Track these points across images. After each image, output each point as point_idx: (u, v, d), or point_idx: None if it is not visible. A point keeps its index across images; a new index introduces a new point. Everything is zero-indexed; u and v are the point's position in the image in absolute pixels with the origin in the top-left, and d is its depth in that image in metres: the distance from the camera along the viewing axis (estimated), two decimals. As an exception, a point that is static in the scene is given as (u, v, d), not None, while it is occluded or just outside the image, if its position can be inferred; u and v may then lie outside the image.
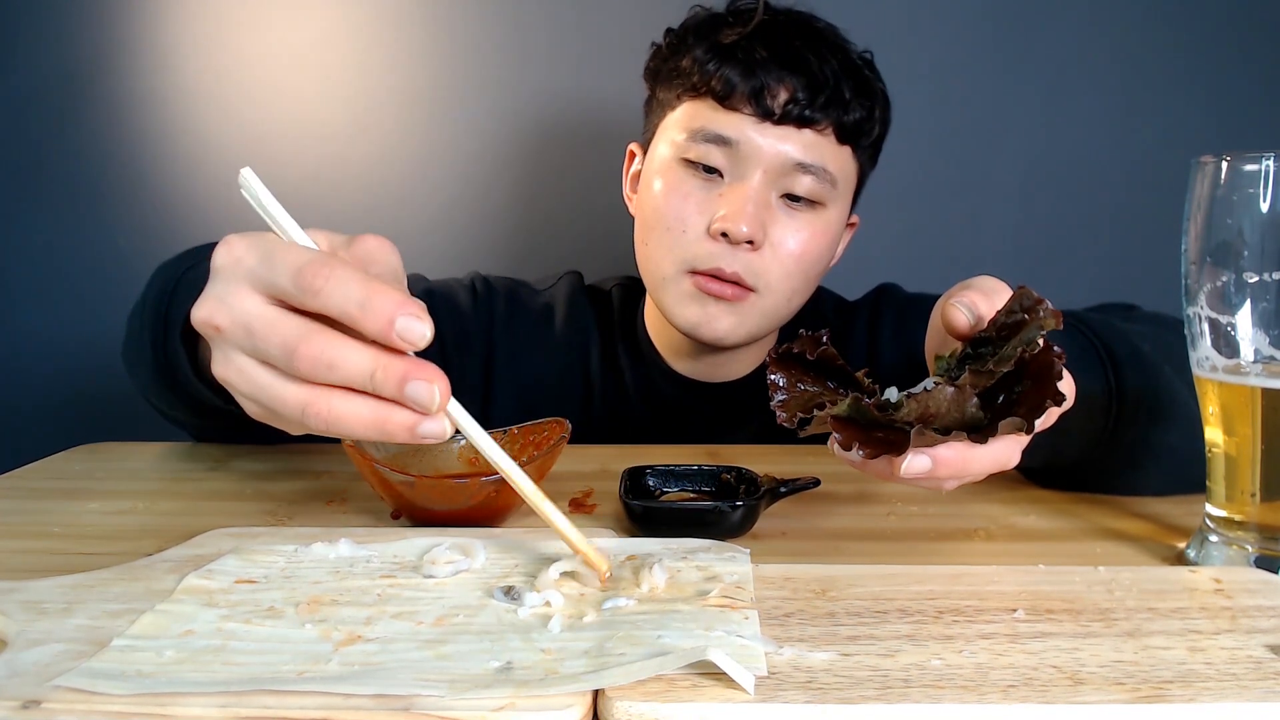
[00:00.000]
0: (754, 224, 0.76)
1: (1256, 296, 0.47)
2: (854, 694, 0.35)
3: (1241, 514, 0.50)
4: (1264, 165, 0.47)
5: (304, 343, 0.39)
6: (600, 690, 0.35)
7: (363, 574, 0.47)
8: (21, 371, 1.33)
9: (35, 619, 0.41)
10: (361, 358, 0.39)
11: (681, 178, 0.80)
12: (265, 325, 0.40)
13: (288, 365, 0.40)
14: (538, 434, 0.63)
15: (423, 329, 0.39)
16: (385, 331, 0.38)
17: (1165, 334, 0.66)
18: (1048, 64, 1.25)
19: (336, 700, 0.34)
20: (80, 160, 1.29)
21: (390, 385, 0.39)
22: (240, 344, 0.41)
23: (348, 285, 0.39)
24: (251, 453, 0.77)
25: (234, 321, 0.41)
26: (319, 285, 0.39)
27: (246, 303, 0.41)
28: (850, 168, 0.82)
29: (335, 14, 1.26)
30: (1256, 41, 1.25)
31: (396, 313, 0.38)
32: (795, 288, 0.81)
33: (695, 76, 0.79)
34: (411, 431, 0.40)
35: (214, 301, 0.42)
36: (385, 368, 0.39)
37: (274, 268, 0.40)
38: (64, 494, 0.66)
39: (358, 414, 0.40)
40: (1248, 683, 0.36)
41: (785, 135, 0.77)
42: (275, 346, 0.40)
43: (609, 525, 0.58)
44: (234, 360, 0.42)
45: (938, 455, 0.42)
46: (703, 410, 0.91)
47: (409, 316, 0.38)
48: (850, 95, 0.78)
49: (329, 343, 0.39)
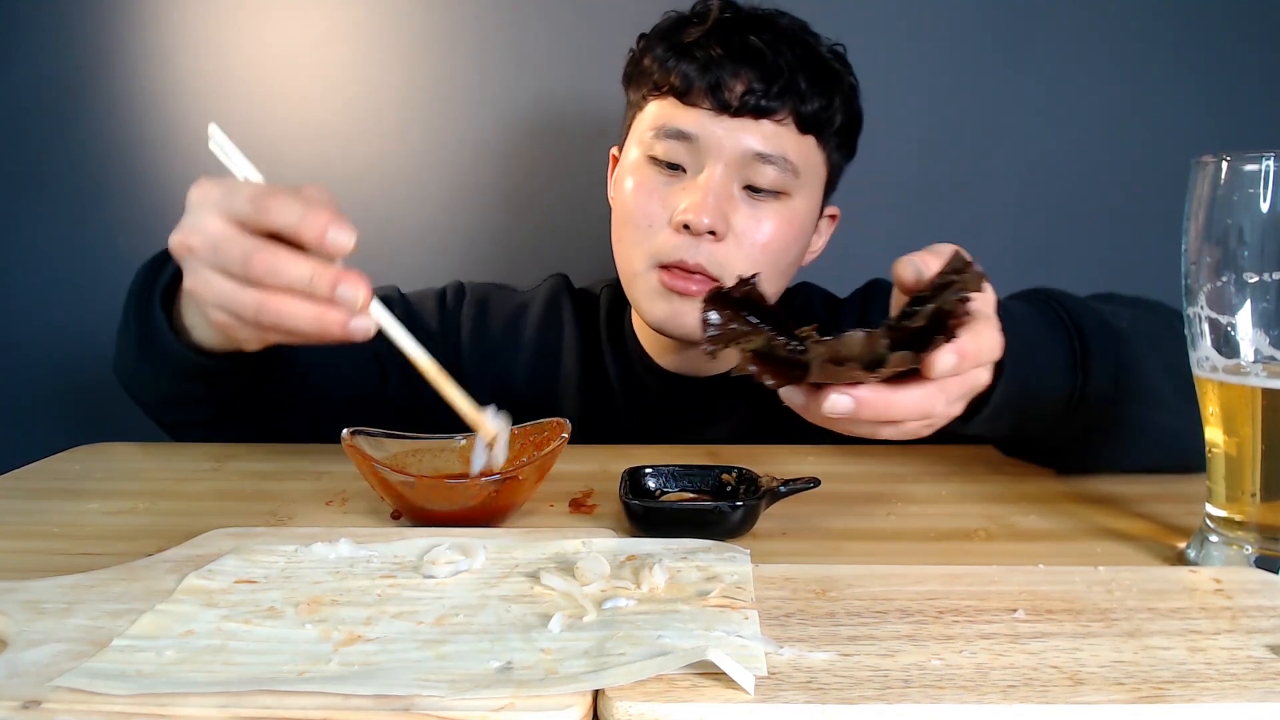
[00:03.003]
0: (714, 214, 0.78)
1: (1256, 296, 0.47)
2: (854, 694, 0.35)
3: (1242, 514, 0.50)
4: (1264, 165, 0.47)
5: (257, 252, 0.50)
6: (600, 690, 0.35)
7: (363, 574, 0.47)
8: (22, 372, 1.33)
9: (35, 619, 0.41)
10: (302, 265, 0.50)
11: (648, 175, 0.82)
12: (227, 241, 0.51)
13: (244, 271, 0.51)
14: (538, 434, 0.63)
15: (348, 236, 0.50)
16: (319, 238, 0.50)
17: (1142, 313, 0.69)
18: (1047, 64, 1.25)
19: (336, 700, 0.34)
20: (80, 160, 1.28)
21: (324, 286, 0.50)
22: (207, 259, 0.52)
23: (291, 205, 0.50)
24: (251, 453, 0.77)
25: (202, 240, 0.52)
26: (269, 204, 0.50)
27: (212, 225, 0.52)
28: (815, 158, 0.83)
29: (335, 14, 1.26)
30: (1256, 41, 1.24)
31: (329, 224, 0.50)
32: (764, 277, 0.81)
33: (657, 75, 0.81)
34: (344, 326, 0.51)
35: (187, 228, 0.53)
36: (320, 273, 0.50)
37: (235, 196, 0.52)
38: (64, 494, 0.66)
39: (302, 312, 0.51)
40: (1248, 683, 0.36)
41: (744, 127, 0.78)
42: (234, 257, 0.51)
43: (609, 525, 0.58)
44: (201, 274, 0.53)
45: (859, 396, 0.45)
46: (687, 404, 0.92)
47: (337, 227, 0.50)
48: (807, 85, 0.79)
49: (276, 253, 0.50)
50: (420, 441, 0.63)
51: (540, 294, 0.97)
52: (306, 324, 0.51)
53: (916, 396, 0.45)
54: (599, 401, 0.94)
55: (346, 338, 0.52)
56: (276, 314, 0.51)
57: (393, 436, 0.61)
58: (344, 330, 0.51)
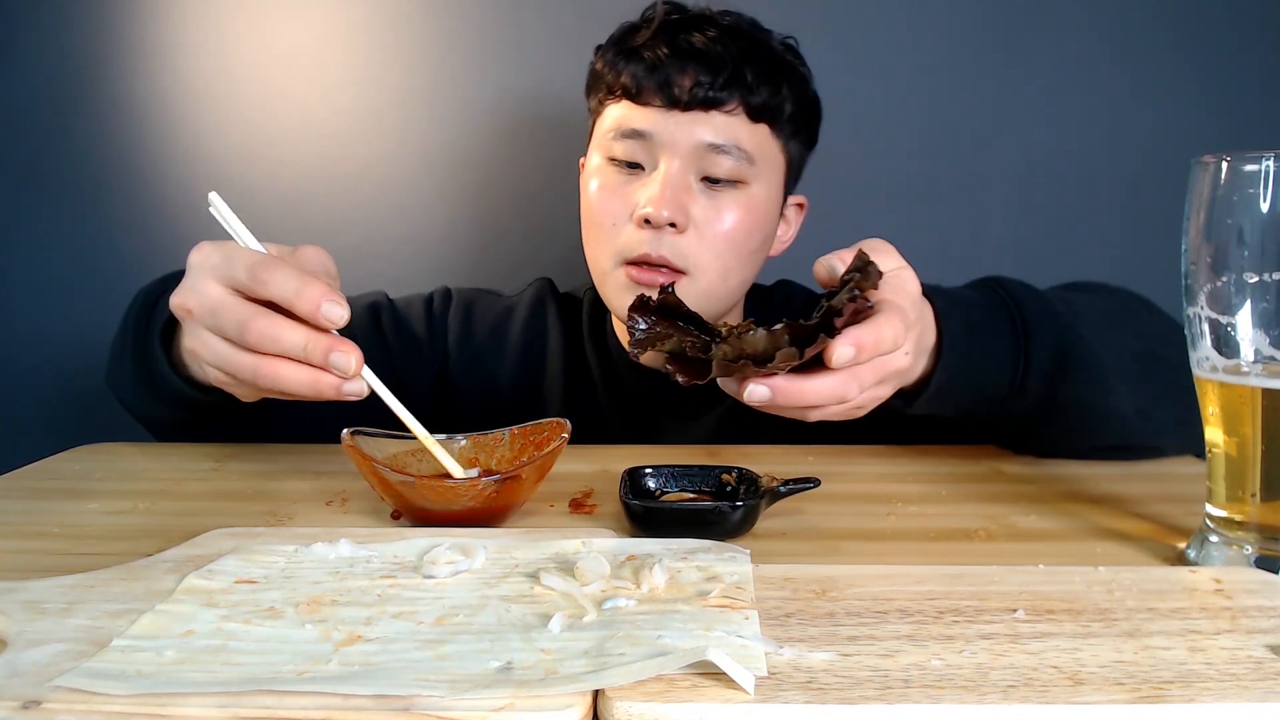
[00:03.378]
0: (672, 206, 0.79)
1: (1256, 296, 0.47)
2: (854, 694, 0.35)
3: (1242, 514, 0.50)
4: (1264, 165, 0.47)
5: (253, 320, 0.53)
6: (600, 690, 0.35)
7: (363, 574, 0.47)
8: (21, 372, 1.33)
9: (35, 619, 0.41)
10: (296, 334, 0.53)
11: (609, 175, 0.84)
12: (224, 307, 0.54)
13: (240, 338, 0.53)
14: (538, 434, 0.63)
15: (341, 311, 0.52)
16: (313, 312, 0.52)
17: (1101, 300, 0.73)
18: (1048, 64, 1.25)
19: (336, 700, 0.34)
20: (80, 160, 1.28)
21: (318, 354, 0.52)
22: (205, 322, 0.55)
23: (288, 278, 0.52)
24: (251, 453, 0.77)
25: (201, 305, 0.55)
26: (266, 277, 0.52)
27: (211, 291, 0.54)
28: (770, 146, 0.85)
29: (335, 14, 1.26)
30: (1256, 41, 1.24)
31: (321, 299, 0.52)
32: (728, 266, 0.83)
33: (609, 79, 0.85)
34: (338, 390, 0.53)
35: (186, 290, 0.56)
36: (314, 341, 0.52)
37: (233, 265, 0.54)
38: (64, 494, 0.66)
39: (297, 376, 0.53)
40: (1248, 683, 0.36)
41: (695, 120, 0.81)
42: (231, 323, 0.53)
43: (609, 525, 0.58)
44: (200, 336, 0.56)
45: (774, 385, 0.48)
46: (668, 401, 0.93)
47: (331, 303, 0.52)
48: (753, 76, 0.81)
49: (271, 322, 0.53)
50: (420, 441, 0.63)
51: (525, 298, 0.99)
52: (301, 387, 0.54)
53: (829, 384, 0.48)
54: (583, 401, 0.95)
55: (340, 398, 0.54)
56: (272, 377, 0.54)
57: (393, 436, 0.61)
58: (338, 393, 0.54)
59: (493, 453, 0.64)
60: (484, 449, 0.64)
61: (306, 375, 0.53)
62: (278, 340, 0.52)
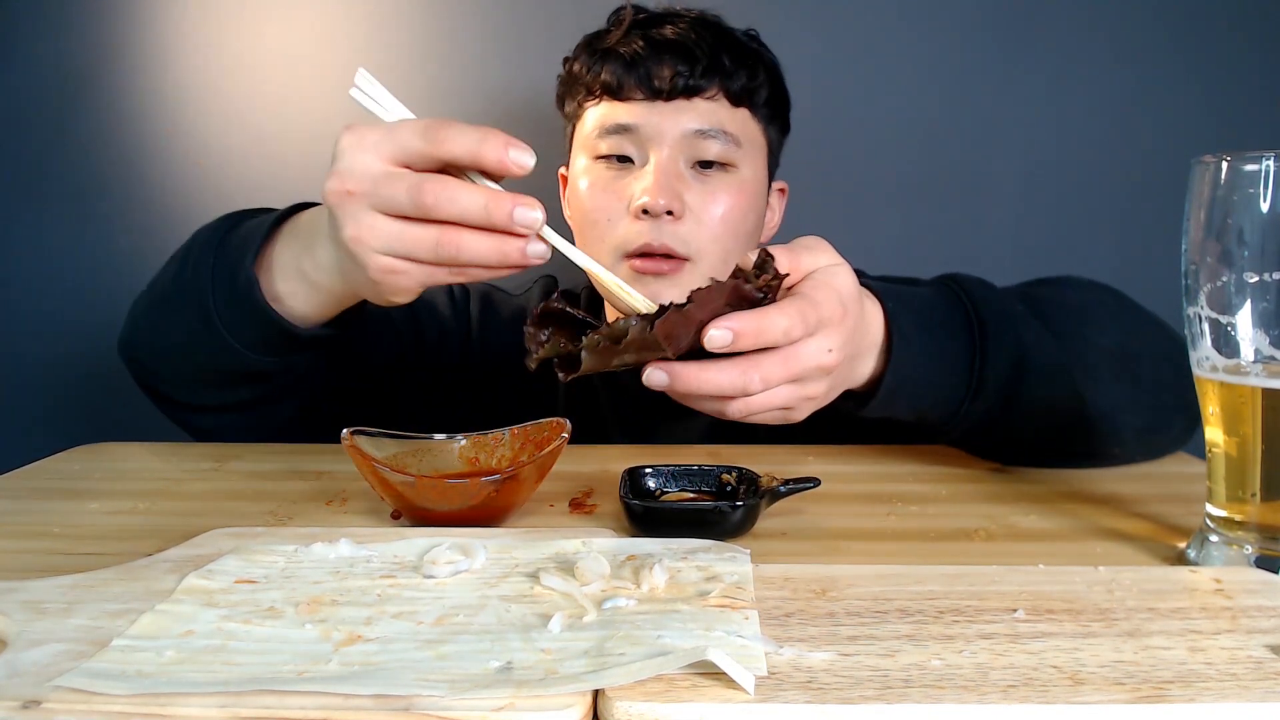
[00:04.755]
0: (668, 194, 0.80)
1: (1256, 296, 0.47)
2: (854, 694, 0.35)
3: (1242, 514, 0.50)
4: (1264, 165, 0.47)
5: (428, 182, 0.49)
6: (600, 690, 0.35)
7: (363, 574, 0.47)
8: (22, 372, 1.33)
9: (35, 619, 0.41)
10: (475, 193, 0.49)
11: (598, 173, 0.85)
12: (393, 178, 0.50)
13: (415, 203, 0.49)
14: (538, 434, 0.63)
15: (529, 154, 0.49)
16: (502, 156, 0.49)
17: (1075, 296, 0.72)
18: (1047, 63, 1.25)
19: (336, 700, 0.34)
20: (80, 160, 1.28)
21: (503, 211, 0.49)
22: (370, 200, 0.51)
23: (466, 131, 0.49)
24: (251, 452, 0.77)
25: (364, 182, 0.51)
26: (445, 134, 0.49)
27: (373, 166, 0.51)
28: (753, 128, 0.87)
29: (334, 14, 1.26)
30: (1256, 41, 1.24)
31: (507, 143, 0.49)
32: (727, 248, 0.84)
33: (588, 81, 0.86)
34: (523, 254, 0.50)
35: (343, 173, 0.52)
36: (496, 198, 0.49)
37: (398, 134, 0.51)
38: (64, 494, 0.66)
39: (481, 243, 0.50)
40: (1248, 683, 0.36)
41: (679, 109, 0.83)
42: (403, 192, 0.50)
43: (609, 525, 0.58)
44: (365, 219, 0.51)
45: (670, 369, 0.48)
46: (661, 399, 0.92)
47: (518, 147, 0.49)
48: (730, 62, 0.84)
49: (448, 182, 0.50)
50: (420, 441, 0.63)
51: (534, 297, 1.01)
52: (487, 254, 0.50)
53: (726, 373, 0.48)
54: (584, 400, 0.95)
55: (525, 264, 0.51)
56: (456, 246, 0.50)
57: (393, 436, 0.61)
58: (523, 256, 0.50)
59: (493, 453, 0.64)
60: (484, 449, 0.64)
61: (491, 242, 0.50)
62: (455, 200, 0.49)
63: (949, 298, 0.65)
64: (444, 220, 0.50)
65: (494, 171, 0.50)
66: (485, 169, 0.50)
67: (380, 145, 0.51)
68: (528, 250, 0.50)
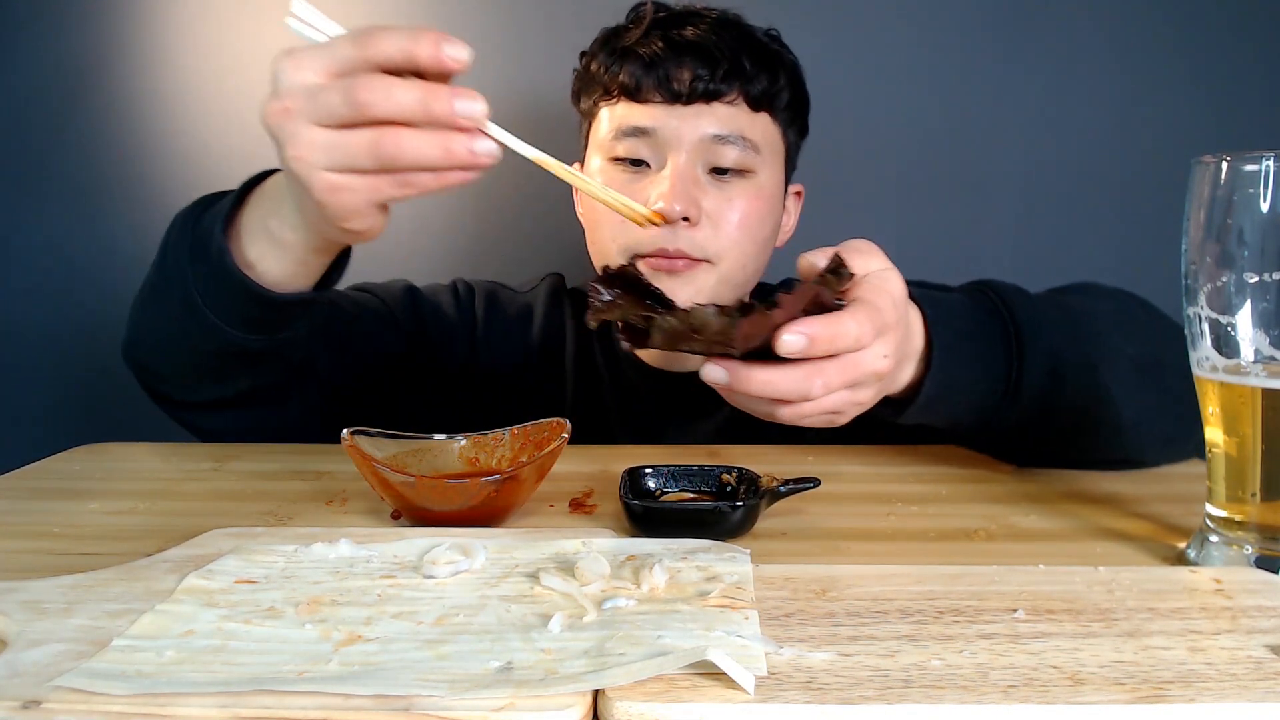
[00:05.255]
0: (685, 200, 0.80)
1: (1256, 296, 0.47)
2: (854, 694, 0.35)
3: (1242, 514, 0.50)
4: (1264, 165, 0.47)
5: (361, 79, 0.47)
6: (600, 690, 0.35)
7: (363, 574, 0.47)
8: (22, 372, 1.33)
9: (35, 619, 0.41)
10: (411, 88, 0.47)
11: (614, 175, 0.84)
12: (326, 86, 0.48)
13: (349, 103, 0.47)
14: (538, 434, 0.63)
15: (463, 48, 0.47)
16: (435, 52, 0.47)
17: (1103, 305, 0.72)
18: (1047, 63, 1.25)
19: (336, 700, 0.34)
20: (80, 160, 1.28)
21: (442, 103, 0.47)
22: (307, 113, 0.49)
23: (396, 33, 0.47)
24: (251, 452, 0.77)
25: (299, 96, 0.49)
26: (375, 39, 0.47)
27: (308, 78, 0.49)
28: (772, 133, 0.86)
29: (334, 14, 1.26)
30: (1256, 41, 1.24)
31: (440, 38, 0.47)
32: (745, 253, 0.84)
33: (605, 80, 0.84)
34: (470, 152, 0.48)
35: (280, 92, 0.50)
36: (433, 91, 0.47)
37: (331, 47, 0.49)
38: (64, 494, 0.66)
39: (422, 140, 0.48)
40: (1248, 683, 0.36)
41: (698, 113, 0.81)
42: (337, 95, 0.48)
43: (609, 525, 0.58)
44: (302, 134, 0.49)
45: (730, 366, 0.47)
46: (673, 400, 0.93)
47: (452, 42, 0.47)
48: (750, 65, 0.82)
49: (383, 79, 0.47)
50: (420, 441, 0.63)
51: (541, 294, 0.99)
52: (430, 152, 0.48)
53: (789, 376, 0.46)
54: (591, 400, 0.95)
55: (473, 163, 0.49)
56: (396, 145, 0.48)
57: (393, 436, 0.61)
58: (470, 154, 0.48)
59: (493, 453, 0.64)
60: (484, 449, 0.64)
61: (433, 138, 0.48)
62: (390, 94, 0.47)
63: (985, 305, 0.65)
64: (383, 120, 0.48)
65: (430, 68, 0.48)
66: (420, 67, 0.48)
67: (315, 60, 0.49)
68: (475, 147, 0.48)
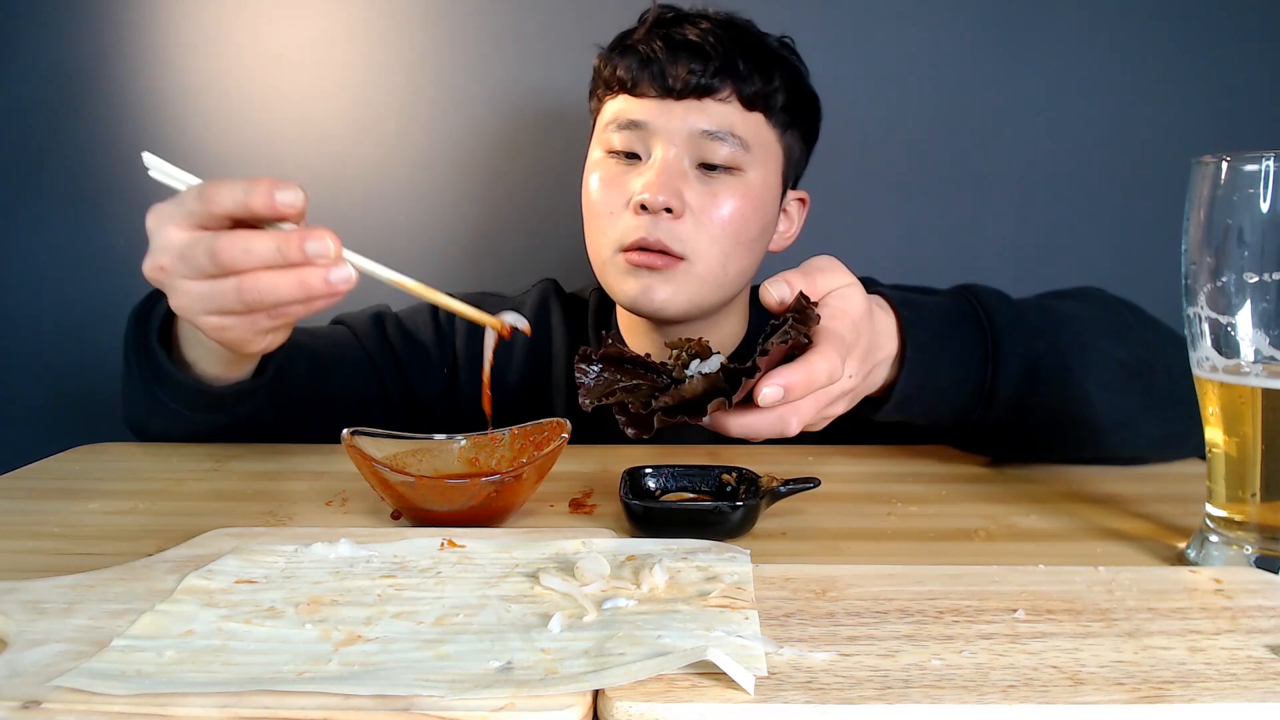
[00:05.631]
0: (668, 191, 0.80)
1: (1256, 296, 0.47)
2: (854, 694, 0.35)
3: (1242, 514, 0.50)
4: (1264, 165, 0.47)
5: (220, 239, 0.53)
6: (600, 690, 0.35)
7: (363, 574, 0.47)
8: (21, 372, 1.33)
9: (35, 619, 0.41)
10: (265, 238, 0.52)
11: (607, 167, 0.86)
12: (190, 244, 0.54)
13: (214, 262, 0.53)
14: (538, 434, 0.63)
15: (294, 193, 0.52)
16: (269, 203, 0.52)
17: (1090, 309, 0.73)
18: (1047, 63, 1.25)
19: (336, 700, 0.34)
20: (80, 160, 1.28)
21: (293, 248, 0.52)
22: (179, 270, 0.55)
23: (234, 185, 0.53)
24: (251, 452, 0.77)
25: (169, 255, 0.55)
26: (213, 192, 0.53)
27: (174, 236, 0.55)
28: (766, 135, 0.86)
29: (335, 14, 1.26)
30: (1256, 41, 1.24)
31: (271, 188, 0.52)
32: (726, 252, 0.84)
33: (606, 75, 0.87)
34: (325, 281, 0.52)
35: (154, 250, 0.56)
36: (285, 239, 0.52)
37: (183, 201, 0.55)
38: (64, 494, 0.66)
39: (280, 281, 0.52)
40: (1248, 683, 0.36)
41: (690, 108, 0.82)
42: (202, 253, 0.53)
43: (609, 525, 0.58)
44: (180, 287, 0.55)
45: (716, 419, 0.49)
46: None
47: (281, 189, 0.52)
48: (745, 65, 0.83)
49: (238, 235, 0.53)
50: (420, 441, 0.63)
51: (530, 299, 1.00)
52: (289, 290, 0.53)
53: (767, 420, 0.49)
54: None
55: (332, 292, 0.53)
56: (257, 291, 0.53)
57: (393, 437, 0.61)
58: (326, 285, 0.52)
59: (493, 453, 0.64)
60: (484, 449, 0.64)
61: (290, 278, 0.52)
62: (249, 249, 0.52)
63: (964, 308, 0.67)
64: (249, 269, 0.53)
65: (267, 217, 0.53)
66: (259, 217, 0.53)
67: (174, 216, 0.55)
68: (330, 277, 0.52)
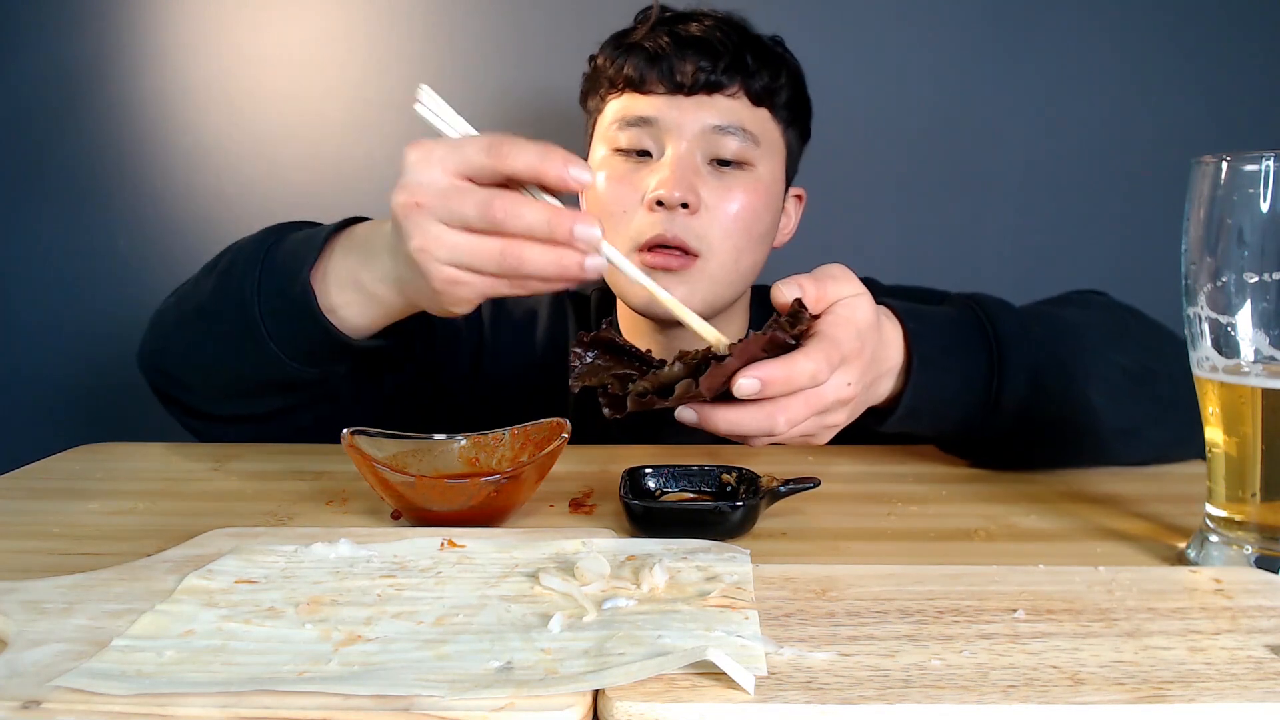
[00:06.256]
0: (683, 187, 0.81)
1: (1256, 296, 0.47)
2: (854, 694, 0.35)
3: (1242, 514, 0.50)
4: (1264, 165, 0.47)
5: (496, 198, 0.51)
6: (600, 690, 0.35)
7: (363, 574, 0.47)
8: (21, 372, 1.33)
9: (35, 619, 0.41)
10: (540, 209, 0.52)
11: (616, 164, 0.85)
12: (461, 192, 0.52)
13: (483, 217, 0.52)
14: (538, 434, 0.63)
15: (587, 172, 0.52)
16: (562, 173, 0.51)
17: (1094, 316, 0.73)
18: (1047, 63, 1.25)
19: (336, 700, 0.34)
20: (80, 160, 1.28)
21: (564, 226, 0.51)
22: (438, 213, 0.53)
23: (528, 147, 0.52)
24: (251, 452, 0.77)
25: (432, 195, 0.53)
26: (508, 150, 0.52)
27: (441, 180, 0.53)
28: (772, 130, 0.87)
29: (335, 14, 1.26)
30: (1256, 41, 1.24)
31: (567, 160, 0.51)
32: (738, 246, 0.84)
33: (611, 74, 0.87)
34: (581, 266, 0.52)
35: (410, 186, 0.54)
36: (558, 214, 0.51)
37: (464, 150, 0.53)
38: (64, 494, 0.66)
39: (542, 256, 0.52)
40: (1248, 683, 0.36)
41: (700, 104, 0.83)
42: (471, 206, 0.52)
43: (609, 525, 0.58)
44: (432, 230, 0.53)
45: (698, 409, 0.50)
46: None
47: (576, 162, 0.51)
48: (753, 61, 0.84)
49: (515, 198, 0.52)
50: (420, 441, 0.63)
51: (546, 298, 1.00)
52: (545, 266, 0.52)
53: (751, 415, 0.50)
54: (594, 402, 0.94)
55: (581, 278, 0.53)
56: (519, 259, 0.52)
57: (393, 436, 0.61)
58: (581, 270, 0.53)
59: (493, 453, 0.64)
60: (484, 449, 0.64)
61: (552, 254, 0.52)
62: (521, 216, 0.51)
63: (969, 319, 0.67)
64: (509, 234, 0.52)
65: (554, 187, 0.53)
66: (546, 184, 0.53)
67: (446, 160, 0.53)
68: (586, 264, 0.53)
